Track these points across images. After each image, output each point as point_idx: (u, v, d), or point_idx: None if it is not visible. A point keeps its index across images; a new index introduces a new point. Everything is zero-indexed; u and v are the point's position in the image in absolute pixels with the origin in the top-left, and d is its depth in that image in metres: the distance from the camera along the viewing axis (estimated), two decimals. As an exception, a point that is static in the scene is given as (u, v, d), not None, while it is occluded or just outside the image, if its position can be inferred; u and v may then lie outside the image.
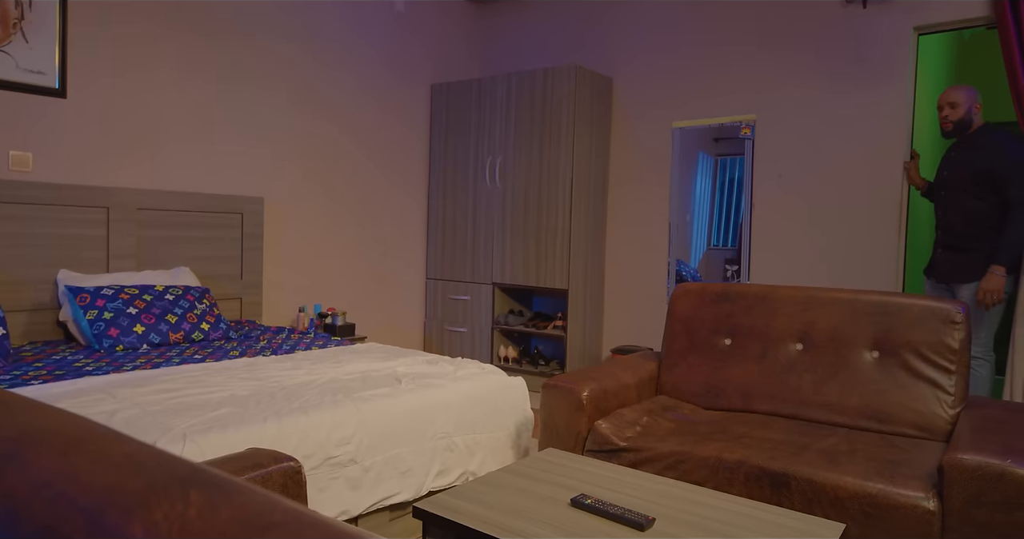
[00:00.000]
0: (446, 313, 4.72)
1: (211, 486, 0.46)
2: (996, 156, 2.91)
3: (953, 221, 3.07)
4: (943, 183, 3.13)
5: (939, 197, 3.15)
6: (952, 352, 2.15)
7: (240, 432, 1.81)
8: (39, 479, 0.48)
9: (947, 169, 3.11)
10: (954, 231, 3.07)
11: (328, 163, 4.19)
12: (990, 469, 1.61)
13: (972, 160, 2.98)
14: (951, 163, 3.09)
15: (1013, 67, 3.10)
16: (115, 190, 3.19)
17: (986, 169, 2.93)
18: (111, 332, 2.80)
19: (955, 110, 3.03)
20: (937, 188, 3.17)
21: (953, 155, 3.10)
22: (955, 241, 3.07)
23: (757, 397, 2.40)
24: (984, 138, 3.00)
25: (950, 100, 3.04)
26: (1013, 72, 3.10)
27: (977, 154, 2.97)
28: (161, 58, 3.39)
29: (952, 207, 3.07)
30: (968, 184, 2.99)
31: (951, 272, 3.09)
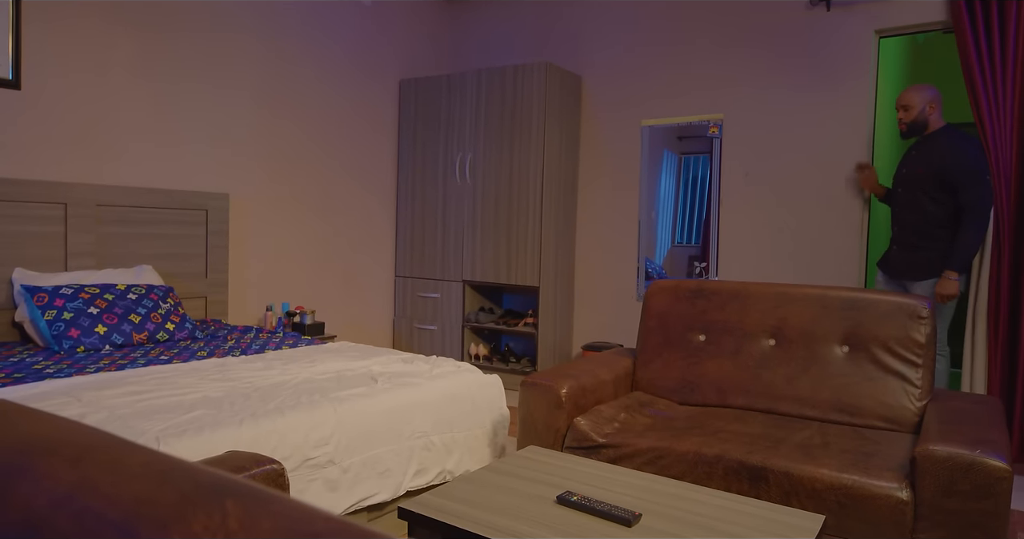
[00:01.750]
0: (415, 311, 4.68)
1: (245, 495, 0.44)
2: (953, 159, 2.96)
3: (909, 220, 3.13)
4: (901, 180, 3.18)
5: (896, 194, 3.21)
6: (919, 346, 2.21)
7: (216, 435, 1.77)
8: (57, 492, 0.45)
9: (906, 167, 3.17)
10: (910, 230, 3.13)
11: (294, 160, 4.11)
12: (960, 459, 1.66)
13: (930, 161, 3.03)
14: (910, 162, 3.15)
15: (970, 69, 3.20)
16: (72, 185, 3.07)
17: (943, 171, 2.98)
18: (71, 333, 2.70)
19: (908, 112, 3.09)
20: (895, 185, 3.23)
21: (913, 154, 3.15)
22: (911, 239, 3.13)
23: (731, 392, 2.44)
24: (942, 140, 3.05)
25: (903, 103, 3.10)
26: (970, 75, 3.20)
27: (935, 156, 3.03)
28: (121, 51, 3.28)
29: (909, 206, 3.13)
30: (925, 184, 3.04)
31: (905, 269, 3.16)
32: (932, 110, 3.08)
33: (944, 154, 2.99)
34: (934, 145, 3.06)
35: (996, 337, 3.12)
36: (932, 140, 3.09)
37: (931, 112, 3.08)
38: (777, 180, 3.82)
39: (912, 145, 3.24)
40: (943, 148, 3.01)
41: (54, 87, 3.06)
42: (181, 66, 3.52)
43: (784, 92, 3.79)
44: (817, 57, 3.68)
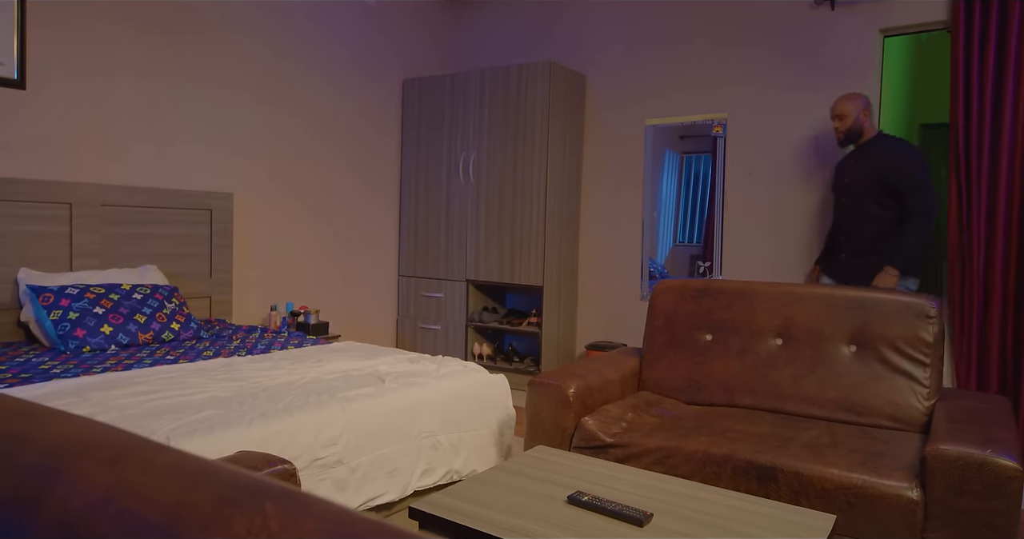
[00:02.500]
0: (419, 310, 4.68)
1: (283, 497, 0.44)
2: (897, 165, 2.99)
3: (858, 228, 3.14)
4: (845, 190, 3.19)
5: (841, 204, 3.23)
6: (927, 346, 2.21)
7: (226, 434, 1.77)
8: (95, 495, 0.45)
9: (847, 177, 3.18)
10: (859, 238, 3.14)
11: (297, 160, 4.11)
12: (971, 459, 1.66)
13: (873, 168, 3.05)
14: (851, 171, 3.15)
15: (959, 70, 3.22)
16: (77, 185, 3.07)
17: (887, 177, 3.00)
18: (77, 333, 2.70)
19: (843, 121, 3.11)
20: (838, 195, 3.25)
21: (852, 163, 3.16)
22: (860, 247, 3.14)
23: (738, 391, 2.44)
24: (882, 147, 3.08)
25: (837, 112, 3.13)
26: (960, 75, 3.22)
27: (878, 162, 3.04)
28: (125, 52, 3.27)
29: (856, 214, 3.14)
30: (872, 192, 3.06)
31: (855, 274, 3.16)
32: (865, 117, 3.13)
33: (887, 161, 3.03)
34: (873, 153, 3.09)
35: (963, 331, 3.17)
36: (870, 148, 3.12)
37: (864, 119, 3.13)
38: (781, 179, 3.82)
39: (848, 154, 3.26)
40: (885, 155, 3.05)
41: (59, 87, 3.05)
42: (185, 66, 3.51)
43: (788, 91, 3.78)
44: (822, 56, 3.68)
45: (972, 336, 3.22)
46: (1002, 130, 3.13)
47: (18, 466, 0.50)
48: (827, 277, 3.38)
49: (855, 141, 3.16)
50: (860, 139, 3.15)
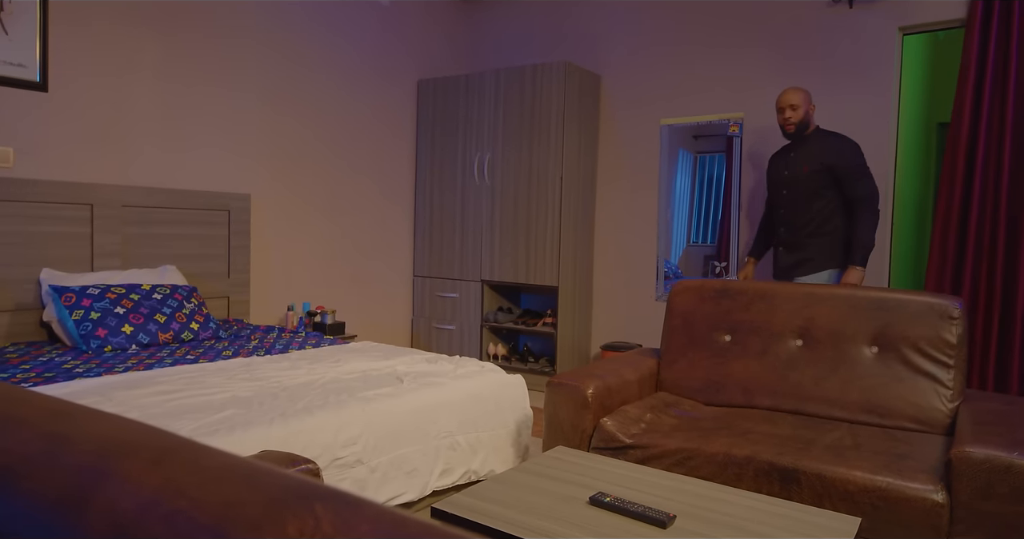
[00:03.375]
0: (434, 311, 4.68)
1: (333, 499, 0.44)
2: (841, 152, 3.00)
3: (798, 220, 3.13)
4: (784, 182, 3.17)
5: (781, 197, 3.20)
6: (950, 347, 2.19)
7: (247, 434, 1.78)
8: (143, 495, 0.45)
9: (787, 169, 3.16)
10: (799, 229, 3.13)
11: (313, 161, 4.13)
12: (998, 462, 1.64)
13: (818, 159, 3.03)
14: (790, 162, 3.15)
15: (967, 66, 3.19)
16: (99, 186, 3.10)
17: (832, 165, 3.00)
18: (99, 333, 2.73)
19: (796, 112, 3.08)
20: (778, 187, 3.21)
21: (791, 155, 3.16)
22: (799, 238, 3.14)
23: (758, 393, 2.42)
24: (824, 139, 3.08)
25: (791, 102, 3.08)
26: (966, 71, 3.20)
27: (820, 154, 3.03)
28: (146, 54, 3.30)
29: (794, 205, 3.13)
30: (814, 182, 3.05)
31: (794, 266, 3.16)
32: (812, 110, 3.13)
33: (831, 151, 3.03)
34: (815, 144, 3.09)
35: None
36: (811, 140, 3.12)
37: (812, 112, 3.13)
38: (799, 179, 3.79)
39: (784, 148, 3.25)
40: (828, 146, 3.05)
41: (80, 89, 3.08)
42: (204, 68, 3.54)
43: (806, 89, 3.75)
44: (839, 55, 3.65)
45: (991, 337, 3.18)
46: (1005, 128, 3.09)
47: (63, 466, 0.51)
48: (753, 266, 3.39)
49: (803, 133, 3.12)
50: (805, 132, 3.12)
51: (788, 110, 3.10)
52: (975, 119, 3.22)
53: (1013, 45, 3.11)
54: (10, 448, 0.54)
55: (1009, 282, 3.13)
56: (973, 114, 3.22)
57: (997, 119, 3.15)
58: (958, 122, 3.23)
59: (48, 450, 0.53)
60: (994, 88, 3.17)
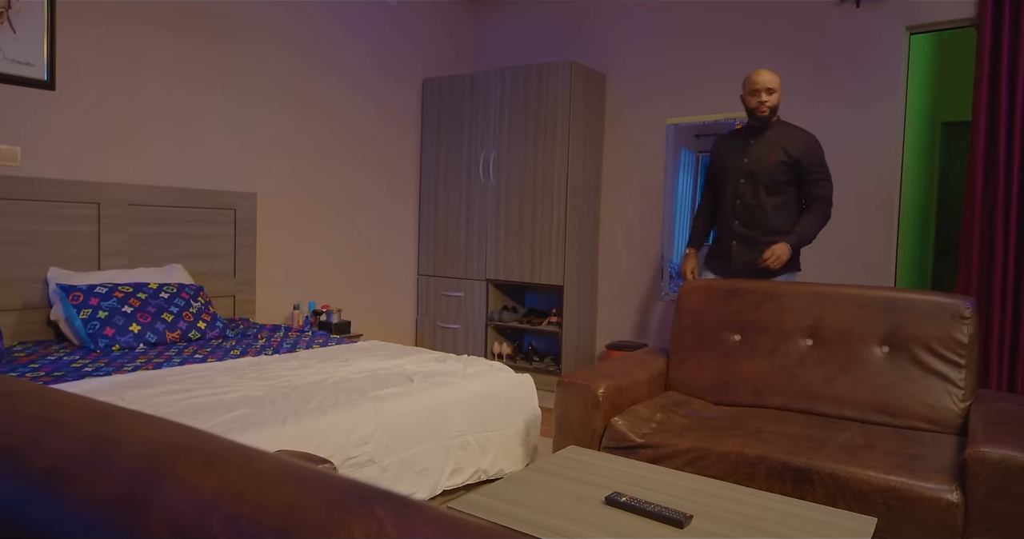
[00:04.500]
0: (438, 310, 4.68)
1: (392, 502, 0.44)
2: (809, 150, 2.88)
3: (757, 214, 2.96)
4: (740, 171, 2.99)
5: (737, 186, 3.01)
6: (961, 347, 2.19)
7: (260, 434, 1.77)
8: (202, 498, 0.45)
9: (747, 157, 2.97)
10: (756, 225, 2.97)
11: (318, 160, 4.12)
12: (1013, 462, 1.64)
13: (785, 150, 2.89)
14: (753, 151, 2.96)
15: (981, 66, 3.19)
16: (106, 185, 3.09)
17: (799, 161, 2.87)
18: (106, 331, 2.72)
19: (772, 96, 2.90)
20: (734, 176, 3.02)
21: (753, 143, 2.97)
22: (756, 235, 2.97)
23: (768, 392, 2.42)
24: (788, 129, 2.95)
25: (769, 85, 2.90)
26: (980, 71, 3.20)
27: (791, 144, 2.89)
28: (153, 53, 3.29)
29: (756, 198, 2.96)
30: (778, 175, 2.90)
31: (745, 267, 3.00)
32: (781, 96, 2.98)
33: (798, 143, 2.89)
34: (780, 133, 2.94)
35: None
36: (777, 128, 2.96)
37: (781, 98, 2.99)
38: (805, 178, 3.79)
39: (740, 133, 3.07)
40: (794, 137, 2.91)
41: (87, 88, 3.08)
42: (210, 68, 3.53)
43: (812, 89, 3.75)
44: (846, 54, 3.65)
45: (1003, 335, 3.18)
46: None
47: (114, 468, 0.50)
48: (709, 271, 3.16)
49: (770, 119, 2.96)
50: (772, 118, 2.96)
51: (765, 93, 2.91)
52: (992, 118, 3.21)
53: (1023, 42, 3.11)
54: (56, 449, 0.54)
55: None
56: (990, 113, 3.21)
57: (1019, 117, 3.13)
58: (976, 122, 3.22)
59: (95, 451, 0.53)
60: (1011, 86, 3.16)
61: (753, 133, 3.01)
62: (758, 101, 2.92)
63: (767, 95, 2.91)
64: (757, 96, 2.92)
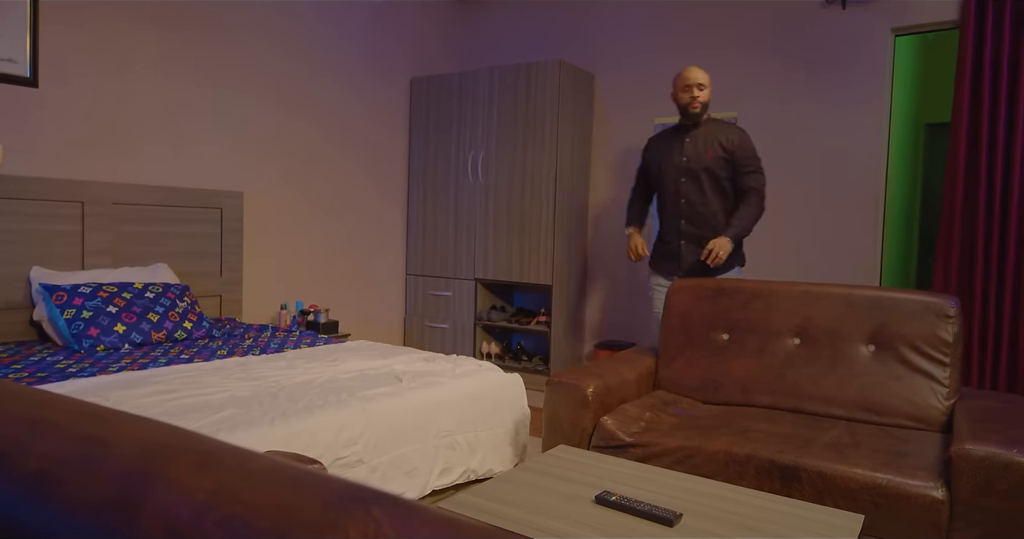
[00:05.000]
0: (427, 309, 4.67)
1: (387, 502, 0.44)
2: (742, 143, 2.92)
3: (703, 212, 2.99)
4: (683, 170, 3.00)
5: (679, 185, 3.02)
6: (946, 345, 2.21)
7: (249, 434, 1.76)
8: (196, 500, 0.44)
9: (685, 156, 3.00)
10: (703, 223, 2.99)
11: (306, 159, 4.10)
12: (997, 459, 1.66)
13: (721, 145, 2.92)
14: (690, 149, 2.99)
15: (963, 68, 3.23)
16: (90, 184, 3.06)
17: (734, 154, 2.91)
18: (91, 332, 2.69)
19: (704, 92, 2.94)
20: (676, 174, 3.03)
21: (688, 141, 3.00)
22: (704, 233, 3.00)
23: (756, 391, 2.44)
24: (719, 125, 2.98)
25: (701, 81, 2.93)
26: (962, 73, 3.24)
27: (725, 139, 2.92)
28: (139, 51, 3.26)
29: (701, 196, 2.98)
30: (716, 169, 2.94)
31: (696, 267, 3.03)
32: (711, 93, 2.99)
33: (731, 137, 2.93)
34: (714, 130, 2.98)
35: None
36: (709, 125, 3.00)
37: (711, 95, 3.01)
38: (792, 179, 3.82)
39: (672, 132, 3.09)
40: (726, 132, 2.95)
41: (72, 86, 3.04)
42: (197, 67, 3.50)
43: (799, 90, 3.78)
44: (832, 56, 3.68)
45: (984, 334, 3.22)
46: (1016, 129, 3.13)
47: (105, 470, 0.50)
48: (658, 275, 3.18)
49: (701, 116, 2.98)
50: (703, 115, 2.98)
51: (697, 89, 2.93)
52: (973, 119, 3.25)
53: (1006, 45, 3.15)
54: (45, 451, 0.53)
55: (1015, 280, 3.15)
56: (971, 114, 3.25)
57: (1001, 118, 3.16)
58: (957, 123, 3.26)
59: (86, 453, 0.52)
60: (992, 88, 3.20)
61: (686, 131, 3.05)
62: (691, 97, 2.95)
63: (699, 91, 2.94)
64: (689, 92, 2.95)
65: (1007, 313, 3.15)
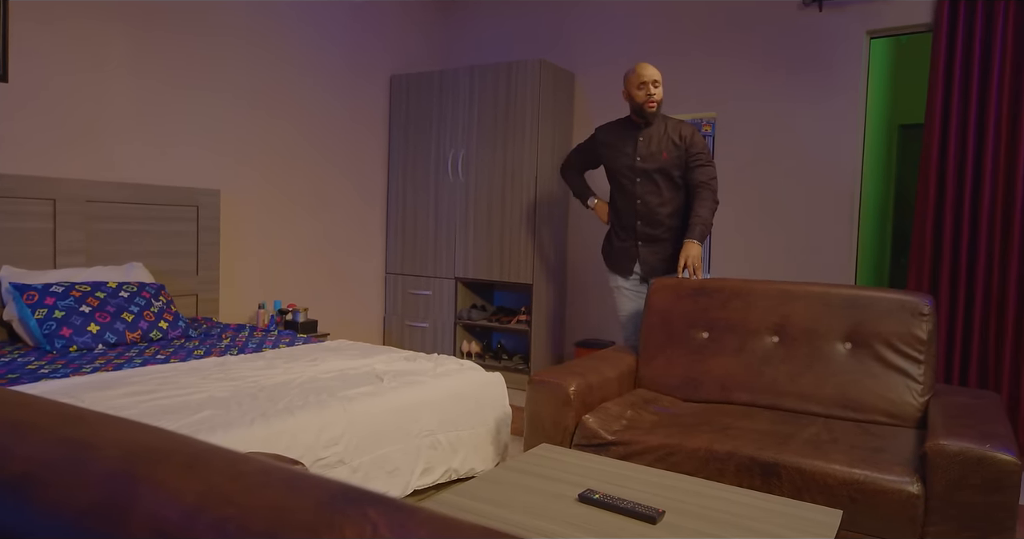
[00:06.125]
0: (407, 308, 4.65)
1: (382, 503, 0.43)
2: (693, 139, 2.91)
3: (659, 212, 2.98)
4: (637, 170, 2.98)
5: (635, 185, 3.00)
6: (921, 343, 2.25)
7: (228, 435, 1.74)
8: (186, 503, 0.44)
9: (639, 155, 2.96)
10: (658, 222, 2.99)
11: (284, 157, 4.05)
12: (971, 454, 1.70)
13: (670, 141, 2.91)
14: (644, 148, 2.96)
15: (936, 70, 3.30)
16: (62, 181, 3.00)
17: (686, 148, 2.90)
18: (63, 332, 2.64)
19: (658, 90, 2.90)
20: (631, 175, 3.01)
21: (643, 141, 2.97)
22: (658, 232, 3.01)
23: (735, 389, 2.46)
24: (671, 122, 2.97)
25: (655, 78, 2.88)
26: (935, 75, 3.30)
27: (675, 134, 2.92)
28: (114, 48, 3.20)
29: (658, 195, 2.97)
30: (670, 171, 2.94)
31: (657, 265, 3.03)
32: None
33: (685, 131, 2.93)
34: (667, 129, 2.96)
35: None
36: (661, 124, 2.98)
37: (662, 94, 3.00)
38: (770, 178, 3.86)
39: (630, 131, 3.04)
40: (677, 128, 2.95)
41: (44, 82, 2.97)
42: (174, 64, 3.44)
43: (777, 91, 3.82)
44: (810, 57, 3.72)
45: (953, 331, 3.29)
46: (987, 130, 3.20)
47: (91, 473, 0.49)
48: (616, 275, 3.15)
49: (657, 114, 2.96)
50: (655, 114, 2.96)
51: (652, 86, 2.88)
52: (945, 121, 3.31)
53: (977, 48, 3.21)
54: (28, 455, 0.52)
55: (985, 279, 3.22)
56: (943, 116, 3.31)
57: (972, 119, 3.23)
58: (930, 124, 3.32)
59: (70, 456, 0.51)
60: (963, 90, 3.27)
61: (639, 129, 3.00)
62: (647, 94, 2.88)
63: (654, 88, 2.89)
64: (646, 89, 2.89)
65: (978, 311, 3.21)
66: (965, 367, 3.29)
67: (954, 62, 3.28)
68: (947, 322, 3.31)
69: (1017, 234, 3.14)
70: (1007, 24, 3.15)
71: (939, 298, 3.32)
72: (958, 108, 3.27)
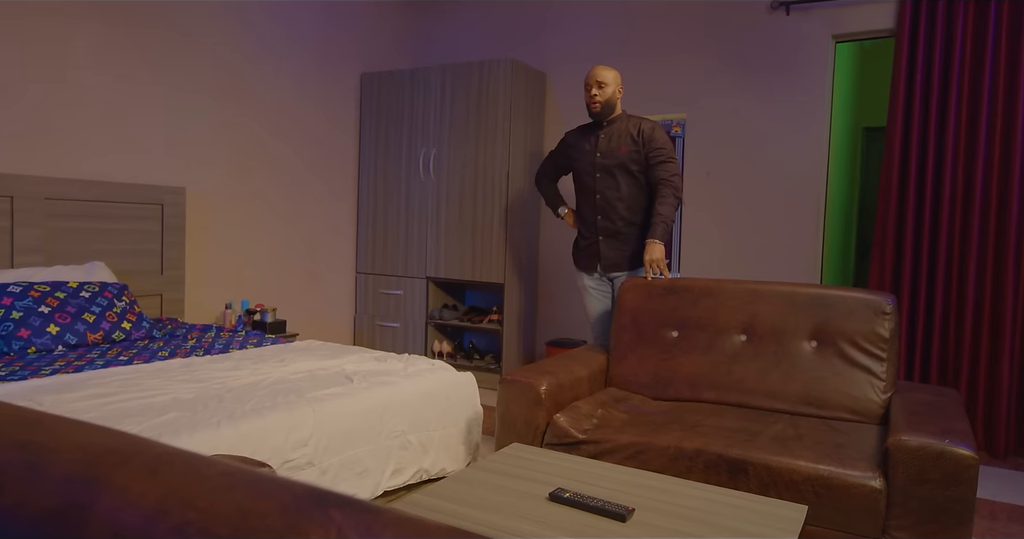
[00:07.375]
0: (377, 308, 4.62)
1: (347, 505, 0.43)
2: (654, 136, 2.96)
3: (617, 208, 3.03)
4: (596, 167, 3.05)
5: (595, 181, 3.06)
6: (883, 341, 2.30)
7: (194, 438, 1.71)
8: (146, 507, 0.43)
9: (599, 152, 3.04)
10: (617, 217, 3.04)
11: (252, 155, 3.99)
12: (931, 449, 1.74)
13: (632, 139, 2.97)
14: (603, 145, 3.04)
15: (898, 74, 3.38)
16: (19, 178, 2.91)
17: (646, 147, 2.96)
18: (21, 333, 2.56)
19: (603, 90, 2.97)
20: (590, 172, 3.08)
21: (603, 138, 3.05)
22: (618, 228, 3.05)
23: (704, 387, 2.49)
24: (632, 120, 3.03)
25: (599, 79, 2.97)
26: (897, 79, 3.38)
27: (634, 130, 2.98)
28: (77, 45, 3.12)
29: (617, 191, 3.03)
30: (630, 164, 2.99)
31: (620, 262, 3.08)
32: (620, 93, 3.06)
33: (644, 130, 2.98)
34: (627, 126, 3.02)
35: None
36: (621, 122, 3.05)
37: (619, 95, 3.04)
38: (738, 179, 3.91)
39: (587, 130, 3.13)
40: (638, 126, 3.00)
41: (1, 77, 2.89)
42: (140, 60, 3.37)
43: (745, 93, 3.88)
44: (777, 59, 3.78)
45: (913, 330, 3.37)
46: (947, 133, 3.28)
47: (48, 478, 0.47)
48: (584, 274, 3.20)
49: (607, 116, 3.03)
50: (611, 114, 3.04)
51: (595, 87, 2.96)
52: (907, 124, 3.40)
53: (938, 53, 3.30)
54: (-20, 460, 0.50)
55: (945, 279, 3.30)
56: (905, 119, 3.39)
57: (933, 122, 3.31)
58: (892, 127, 3.40)
59: (26, 460, 0.50)
60: (924, 94, 3.35)
61: (599, 128, 3.08)
62: (589, 96, 3.00)
63: (597, 90, 2.97)
64: (588, 91, 3.01)
65: (938, 310, 3.30)
66: (926, 364, 3.37)
67: (915, 66, 3.37)
68: (908, 320, 3.39)
69: (975, 234, 3.23)
70: (966, 30, 3.23)
71: (901, 297, 3.40)
72: (919, 111, 3.35)
